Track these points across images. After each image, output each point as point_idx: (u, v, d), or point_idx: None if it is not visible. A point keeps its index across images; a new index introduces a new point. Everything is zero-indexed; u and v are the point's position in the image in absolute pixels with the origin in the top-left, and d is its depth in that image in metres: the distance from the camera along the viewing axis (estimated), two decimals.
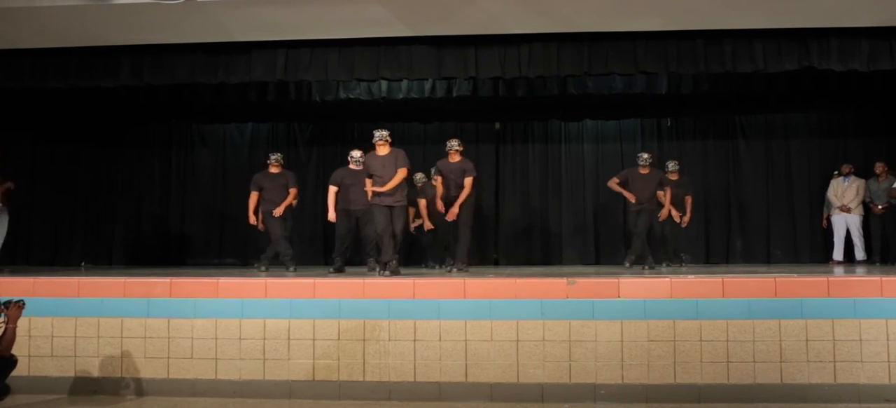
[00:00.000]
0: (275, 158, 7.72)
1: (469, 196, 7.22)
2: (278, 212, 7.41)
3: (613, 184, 7.85)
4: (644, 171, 7.65)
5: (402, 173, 6.60)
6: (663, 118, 10.02)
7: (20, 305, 4.91)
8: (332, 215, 7.30)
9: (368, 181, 6.64)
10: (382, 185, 6.52)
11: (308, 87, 9.04)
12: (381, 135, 6.65)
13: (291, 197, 7.58)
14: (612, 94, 9.04)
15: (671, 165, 8.45)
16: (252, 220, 7.62)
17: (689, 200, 8.40)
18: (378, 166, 6.60)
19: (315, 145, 10.28)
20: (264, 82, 8.23)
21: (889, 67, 6.99)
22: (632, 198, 7.64)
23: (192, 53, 7.42)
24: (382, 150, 6.64)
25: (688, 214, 8.38)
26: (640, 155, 7.77)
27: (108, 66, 7.50)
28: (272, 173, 7.63)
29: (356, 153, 7.44)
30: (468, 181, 7.21)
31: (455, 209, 7.17)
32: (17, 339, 4.92)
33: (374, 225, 6.68)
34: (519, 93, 8.95)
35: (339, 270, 7.31)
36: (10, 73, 7.53)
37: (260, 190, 7.56)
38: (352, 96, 9.21)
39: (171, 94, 8.69)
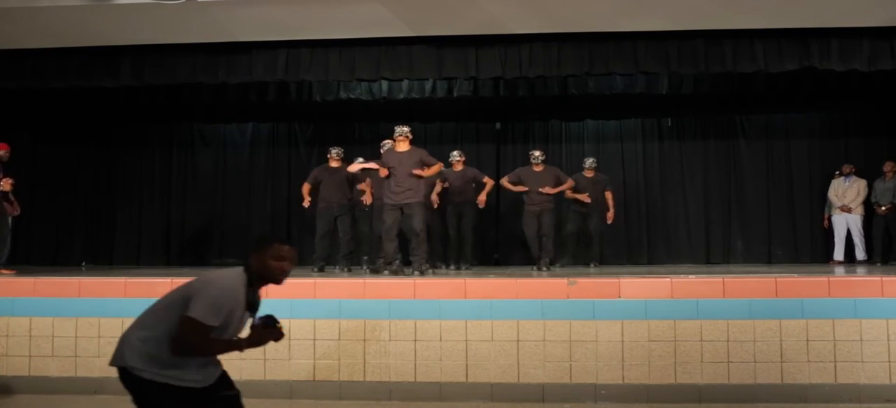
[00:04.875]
0: (336, 152, 7.59)
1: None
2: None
3: (505, 182, 7.80)
4: (538, 168, 7.58)
5: (438, 167, 6.55)
6: (664, 118, 10.00)
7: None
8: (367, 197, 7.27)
9: (383, 171, 6.55)
10: (397, 181, 6.41)
11: (309, 87, 9.03)
12: (401, 131, 6.55)
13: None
14: (612, 95, 9.03)
15: (588, 162, 8.48)
16: (306, 203, 7.38)
17: (609, 195, 8.39)
18: (396, 163, 6.49)
19: (316, 146, 10.26)
20: (265, 82, 8.21)
21: (890, 67, 6.99)
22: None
23: (192, 53, 7.43)
24: (402, 146, 6.55)
25: (611, 210, 8.36)
26: (532, 152, 7.75)
27: (109, 66, 7.51)
28: (332, 168, 7.49)
29: (388, 143, 7.23)
30: (487, 180, 7.71)
31: (483, 197, 7.65)
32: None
33: (380, 223, 6.59)
34: (520, 93, 8.94)
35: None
36: (11, 73, 7.54)
37: (317, 184, 7.39)
38: (353, 96, 9.21)
39: (171, 94, 8.69)
